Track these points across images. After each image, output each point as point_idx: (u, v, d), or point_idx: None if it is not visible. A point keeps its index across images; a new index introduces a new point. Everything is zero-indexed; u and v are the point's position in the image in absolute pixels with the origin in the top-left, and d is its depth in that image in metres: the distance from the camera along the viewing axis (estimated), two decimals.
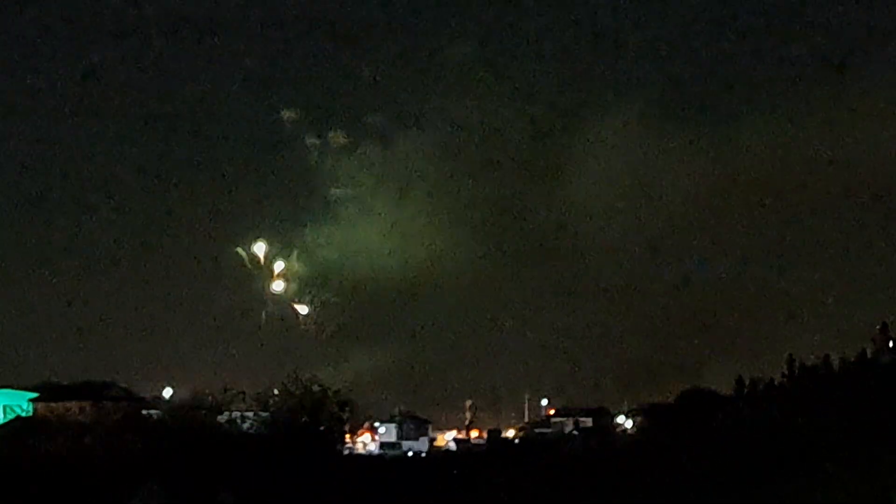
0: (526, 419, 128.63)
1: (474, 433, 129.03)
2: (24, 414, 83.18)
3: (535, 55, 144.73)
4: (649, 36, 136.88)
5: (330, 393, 71.68)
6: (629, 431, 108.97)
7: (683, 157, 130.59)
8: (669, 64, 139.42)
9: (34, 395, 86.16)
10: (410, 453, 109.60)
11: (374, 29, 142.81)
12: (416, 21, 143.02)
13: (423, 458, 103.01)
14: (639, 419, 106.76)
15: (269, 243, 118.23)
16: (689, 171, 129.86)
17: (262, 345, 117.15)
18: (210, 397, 71.25)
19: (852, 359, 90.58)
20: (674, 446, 67.80)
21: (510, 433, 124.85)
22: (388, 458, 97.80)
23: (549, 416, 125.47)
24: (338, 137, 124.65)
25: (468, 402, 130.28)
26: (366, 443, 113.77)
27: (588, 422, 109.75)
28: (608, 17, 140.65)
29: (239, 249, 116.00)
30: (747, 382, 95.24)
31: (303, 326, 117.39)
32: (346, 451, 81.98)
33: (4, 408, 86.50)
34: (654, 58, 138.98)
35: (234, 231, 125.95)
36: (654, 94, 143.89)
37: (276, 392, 71.92)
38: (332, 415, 71.51)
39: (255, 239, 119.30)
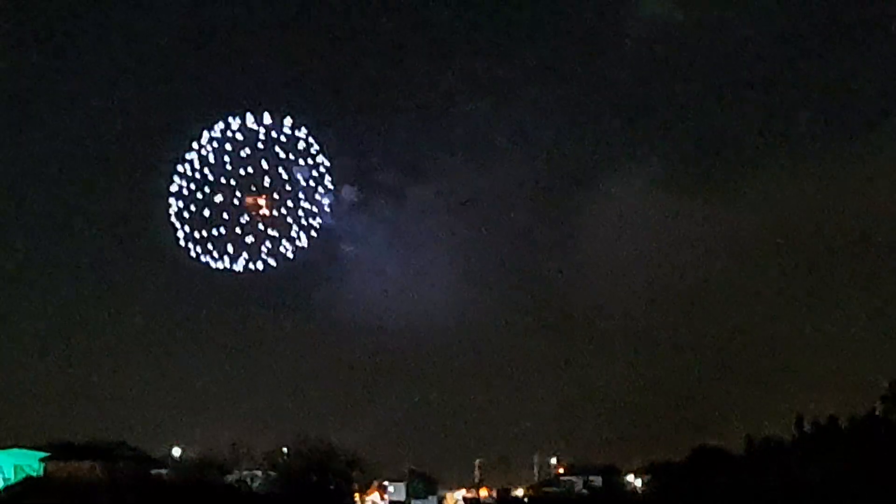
0: (536, 478, 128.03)
1: (484, 492, 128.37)
2: (34, 474, 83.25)
3: (549, 115, 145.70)
4: (664, 98, 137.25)
5: (338, 452, 71.99)
6: (639, 490, 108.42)
7: (694, 219, 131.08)
8: (684, 127, 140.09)
9: (45, 454, 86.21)
10: None
11: (388, 84, 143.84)
12: (430, 77, 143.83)
13: None
14: (648, 478, 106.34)
15: None
16: (700, 232, 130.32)
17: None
18: (220, 456, 71.52)
19: (861, 416, 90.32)
20: None
21: (520, 492, 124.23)
22: None
23: (559, 475, 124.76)
24: (350, 193, 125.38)
25: (478, 461, 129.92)
26: (375, 501, 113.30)
27: (598, 480, 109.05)
28: (623, 80, 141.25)
29: None
30: (757, 442, 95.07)
31: None
32: None
33: (15, 467, 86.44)
34: (668, 121, 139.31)
35: (242, 289, 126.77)
36: (669, 157, 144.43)
37: (285, 451, 72.21)
38: (340, 474, 71.68)
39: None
